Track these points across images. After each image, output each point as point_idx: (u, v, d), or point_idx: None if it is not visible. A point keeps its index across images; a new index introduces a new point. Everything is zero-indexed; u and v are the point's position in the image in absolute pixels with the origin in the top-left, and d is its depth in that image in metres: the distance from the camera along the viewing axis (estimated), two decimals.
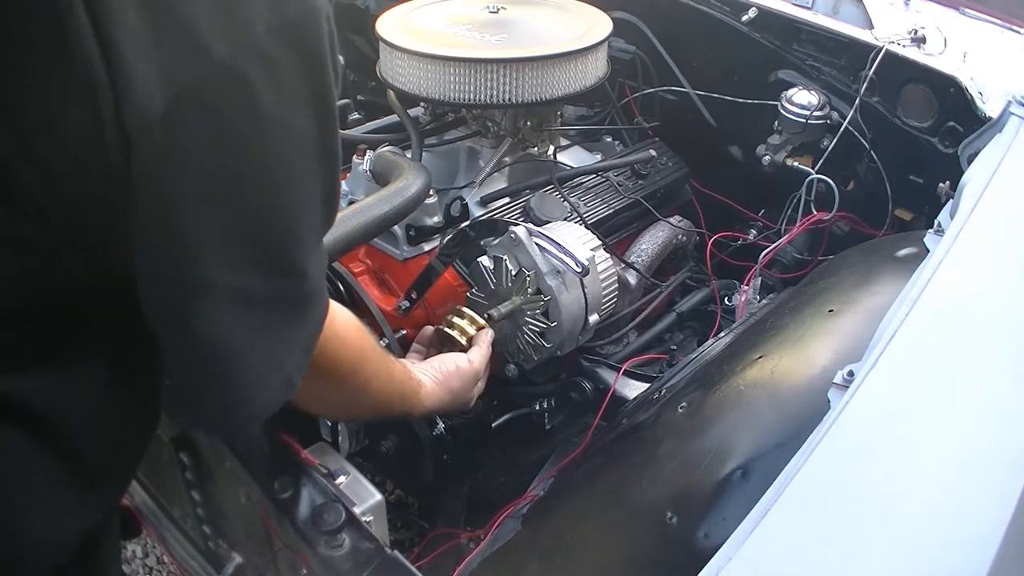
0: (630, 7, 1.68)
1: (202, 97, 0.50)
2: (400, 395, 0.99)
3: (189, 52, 0.49)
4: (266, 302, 0.61)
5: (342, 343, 0.81)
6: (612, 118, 1.69)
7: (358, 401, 0.93)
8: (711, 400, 0.98)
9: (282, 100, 0.54)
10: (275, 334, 0.63)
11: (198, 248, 0.55)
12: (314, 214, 0.62)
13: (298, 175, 0.58)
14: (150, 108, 0.48)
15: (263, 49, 0.52)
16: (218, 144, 0.52)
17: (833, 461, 0.72)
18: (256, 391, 0.64)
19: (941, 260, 0.95)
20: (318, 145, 0.59)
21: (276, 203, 0.58)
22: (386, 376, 0.94)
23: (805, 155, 1.58)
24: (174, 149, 0.50)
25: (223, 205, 0.55)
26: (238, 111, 0.52)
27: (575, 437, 1.36)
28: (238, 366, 0.61)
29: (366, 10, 1.99)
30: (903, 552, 0.65)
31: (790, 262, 1.57)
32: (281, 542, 0.96)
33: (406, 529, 1.69)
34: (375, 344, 0.92)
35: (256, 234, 0.58)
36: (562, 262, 1.19)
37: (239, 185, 0.55)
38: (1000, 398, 0.80)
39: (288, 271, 0.62)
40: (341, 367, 0.83)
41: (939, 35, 1.47)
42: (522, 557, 1.01)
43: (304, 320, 0.66)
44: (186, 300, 0.57)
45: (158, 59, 0.48)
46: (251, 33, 0.51)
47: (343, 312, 0.83)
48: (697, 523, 0.83)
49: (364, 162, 1.38)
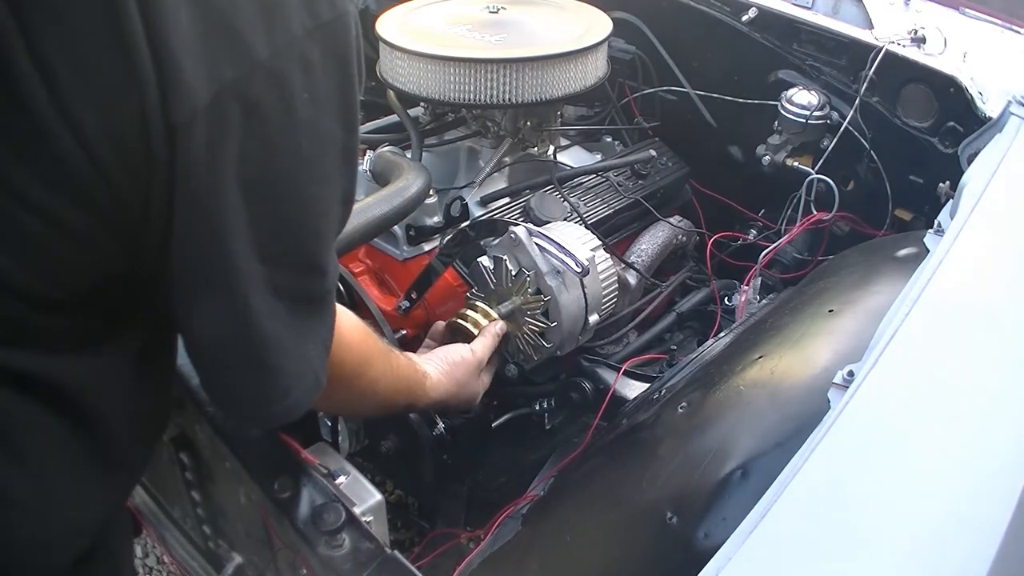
0: (630, 7, 1.68)
1: (244, 94, 0.52)
2: (407, 389, 1.00)
3: (234, 51, 0.51)
4: (292, 295, 0.63)
5: (347, 347, 0.82)
6: (612, 118, 1.69)
7: (364, 400, 0.95)
8: (711, 400, 0.98)
9: (314, 100, 0.56)
10: (302, 328, 0.65)
11: (233, 238, 0.57)
12: (334, 213, 0.64)
13: (324, 174, 0.60)
14: (195, 103, 0.50)
15: (300, 50, 0.54)
16: (256, 140, 0.54)
17: (833, 461, 0.72)
18: (294, 382, 0.66)
19: (941, 260, 0.95)
20: (343, 146, 0.61)
21: (304, 200, 0.60)
22: (391, 373, 0.95)
23: (805, 155, 1.59)
24: (215, 143, 0.52)
25: (257, 198, 0.57)
26: (275, 109, 0.54)
27: (575, 437, 1.36)
28: (276, 355, 0.63)
29: (366, 10, 1.99)
30: (903, 552, 0.65)
31: (790, 262, 1.57)
32: (281, 542, 0.95)
33: (406, 529, 1.69)
34: (379, 343, 0.93)
35: (284, 229, 0.60)
36: (562, 262, 1.19)
37: (272, 180, 0.57)
38: (1000, 398, 0.80)
39: (312, 267, 0.64)
40: (347, 370, 0.84)
41: (939, 35, 1.47)
42: (522, 557, 1.01)
43: (323, 317, 0.68)
44: (226, 287, 0.59)
45: (205, 57, 0.50)
46: (289, 34, 0.54)
47: (346, 315, 0.84)
48: (697, 523, 0.83)
49: (364, 162, 1.38)
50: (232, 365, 0.65)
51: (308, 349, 0.67)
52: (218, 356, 0.64)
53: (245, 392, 0.67)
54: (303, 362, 0.66)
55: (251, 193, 0.56)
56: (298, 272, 0.63)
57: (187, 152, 0.51)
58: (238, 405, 0.71)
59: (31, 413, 0.59)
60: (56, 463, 0.63)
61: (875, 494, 0.70)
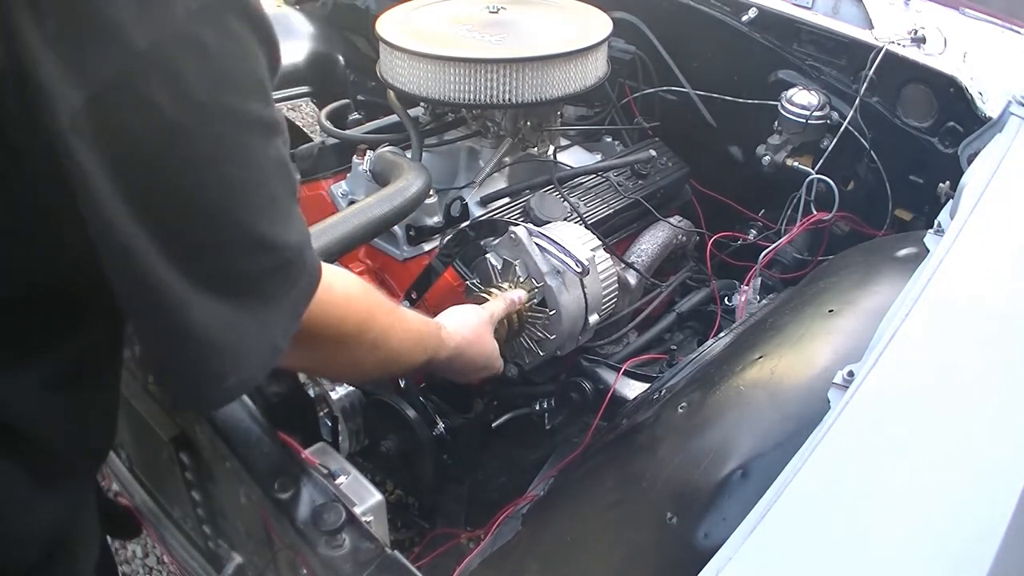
0: (630, 7, 1.68)
1: (129, 89, 0.51)
2: (420, 341, 0.98)
3: (111, 47, 0.51)
4: (237, 278, 0.62)
5: (345, 306, 0.81)
6: (612, 118, 1.69)
7: (377, 357, 0.92)
8: (711, 400, 0.98)
9: (214, 81, 0.55)
10: (253, 306, 0.64)
11: (138, 240, 0.55)
12: (273, 186, 0.62)
13: (242, 154, 0.59)
14: (70, 109, 0.50)
15: (187, 33, 0.53)
16: (154, 133, 0.53)
17: (833, 461, 0.72)
18: (238, 363, 0.64)
19: (941, 260, 0.95)
20: (258, 119, 0.59)
21: (220, 184, 0.58)
22: (401, 326, 0.93)
23: (805, 155, 1.58)
24: (105, 143, 0.52)
25: (173, 190, 0.55)
26: (168, 97, 0.53)
27: (575, 437, 1.36)
28: (213, 346, 0.62)
29: (366, 10, 2.00)
30: (903, 552, 0.65)
31: (790, 262, 1.57)
32: (281, 542, 0.95)
33: (406, 529, 1.69)
34: (383, 301, 0.91)
35: (202, 219, 0.58)
36: (562, 262, 1.19)
37: (177, 170, 0.55)
38: (1000, 398, 0.80)
39: (255, 246, 0.62)
40: (349, 327, 0.83)
41: (939, 35, 1.47)
42: (522, 557, 1.00)
43: (286, 288, 0.66)
44: (153, 291, 0.57)
45: (76, 60, 0.50)
46: (172, 20, 0.52)
47: (343, 275, 0.83)
48: (697, 523, 0.83)
49: (364, 162, 1.38)
50: (163, 356, 0.64)
51: (264, 324, 0.65)
52: (152, 349, 0.64)
53: (182, 380, 0.65)
54: (254, 341, 0.65)
55: (164, 185, 0.55)
56: (235, 255, 0.61)
57: (72, 157, 0.51)
58: (176, 392, 0.70)
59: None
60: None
61: (875, 494, 0.70)
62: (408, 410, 1.21)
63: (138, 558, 1.91)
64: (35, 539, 0.67)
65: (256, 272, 0.63)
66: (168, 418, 1.14)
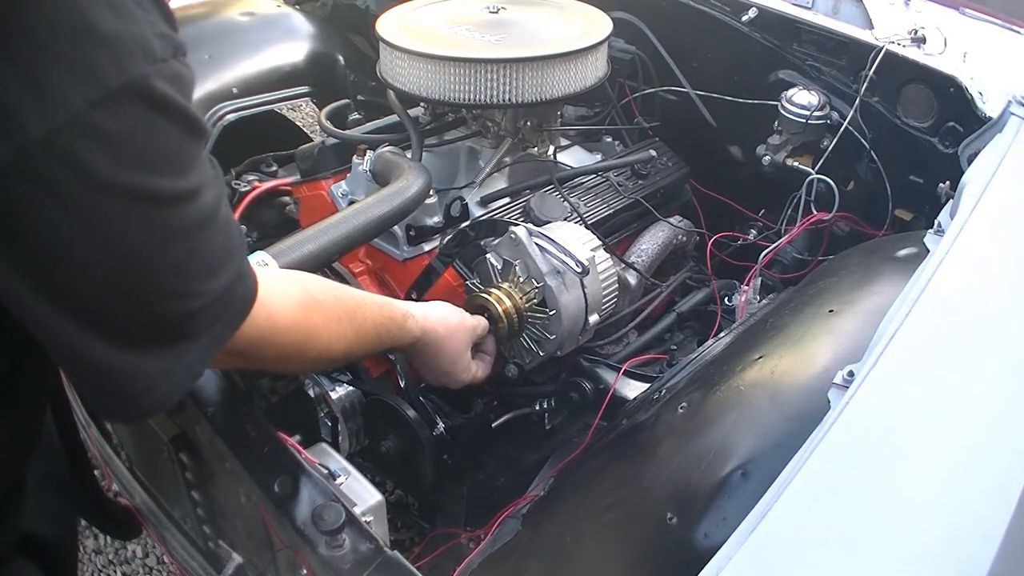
0: (630, 7, 1.68)
1: (31, 172, 0.54)
2: (377, 339, 1.00)
3: (7, 134, 0.52)
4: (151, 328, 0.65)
5: (285, 330, 0.82)
6: (612, 118, 1.69)
7: (322, 363, 0.98)
8: (711, 400, 0.98)
9: (117, 163, 0.56)
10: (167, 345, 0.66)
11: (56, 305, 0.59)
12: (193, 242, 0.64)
13: (147, 225, 0.60)
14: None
15: (85, 121, 0.54)
16: (59, 213, 0.55)
17: (833, 461, 0.72)
18: (151, 388, 0.67)
19: (941, 260, 0.95)
20: (170, 191, 0.61)
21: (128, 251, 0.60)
22: (352, 331, 0.94)
23: (805, 155, 1.58)
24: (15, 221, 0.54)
25: (78, 267, 0.58)
26: (70, 182, 0.55)
27: (575, 437, 1.36)
28: (126, 374, 0.65)
29: (366, 10, 2.00)
30: (903, 552, 0.65)
31: (790, 262, 1.57)
32: (281, 542, 0.95)
33: (406, 529, 1.69)
34: (331, 308, 0.91)
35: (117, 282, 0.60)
36: (562, 262, 1.19)
37: (84, 241, 0.57)
38: (1000, 398, 0.80)
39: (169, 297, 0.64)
40: (286, 349, 0.84)
41: (939, 35, 1.47)
42: (522, 557, 1.01)
43: (205, 326, 0.68)
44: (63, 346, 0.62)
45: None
46: (68, 110, 0.53)
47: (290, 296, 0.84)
48: (697, 523, 0.83)
49: (364, 162, 1.38)
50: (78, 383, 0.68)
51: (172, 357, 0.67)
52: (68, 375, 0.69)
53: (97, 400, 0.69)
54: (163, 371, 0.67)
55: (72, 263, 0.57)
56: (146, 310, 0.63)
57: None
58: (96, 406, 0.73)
59: None
60: None
61: (875, 494, 0.70)
62: (408, 410, 1.21)
63: (138, 558, 1.91)
64: None
65: (171, 318, 0.65)
66: (168, 418, 1.14)
